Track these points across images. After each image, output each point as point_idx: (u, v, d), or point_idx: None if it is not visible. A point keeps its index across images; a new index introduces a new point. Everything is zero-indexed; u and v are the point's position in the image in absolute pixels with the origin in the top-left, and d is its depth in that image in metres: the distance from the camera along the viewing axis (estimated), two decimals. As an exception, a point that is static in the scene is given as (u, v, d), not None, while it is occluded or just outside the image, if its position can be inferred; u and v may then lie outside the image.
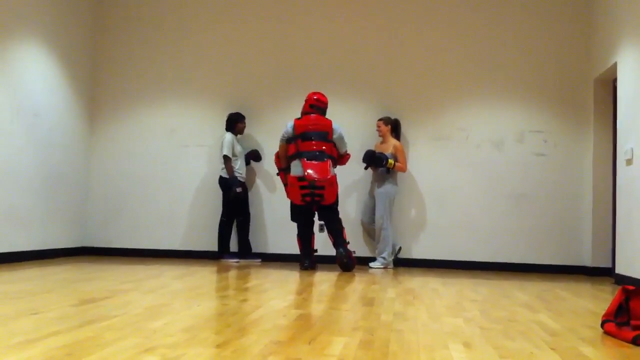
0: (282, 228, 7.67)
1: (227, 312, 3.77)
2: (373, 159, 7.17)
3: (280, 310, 3.87)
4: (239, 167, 7.55)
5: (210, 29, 8.11)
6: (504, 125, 7.59)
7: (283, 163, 6.98)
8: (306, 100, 7.02)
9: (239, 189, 7.39)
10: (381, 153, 7.21)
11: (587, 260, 7.22)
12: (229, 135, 7.53)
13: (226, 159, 7.41)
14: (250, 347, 2.73)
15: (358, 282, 5.66)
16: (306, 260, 6.84)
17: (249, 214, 7.65)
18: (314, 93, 7.05)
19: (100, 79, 8.25)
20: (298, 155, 6.78)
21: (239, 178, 7.49)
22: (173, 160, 7.96)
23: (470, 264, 7.45)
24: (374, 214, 7.34)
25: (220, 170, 7.57)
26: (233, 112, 7.72)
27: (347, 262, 6.70)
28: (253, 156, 7.71)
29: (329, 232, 6.90)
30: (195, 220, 7.94)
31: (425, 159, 7.66)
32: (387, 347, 2.82)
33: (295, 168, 6.78)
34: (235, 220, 7.61)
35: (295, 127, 6.86)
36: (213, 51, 8.08)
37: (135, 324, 3.26)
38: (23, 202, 6.79)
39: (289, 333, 3.11)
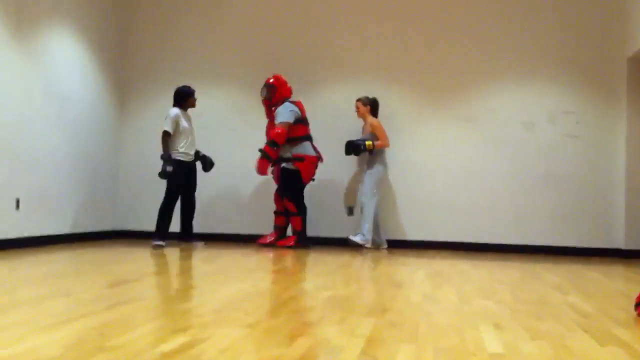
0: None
1: (257, 293, 3.79)
2: (352, 148, 7.15)
3: (310, 291, 3.88)
4: (185, 145, 7.05)
5: (241, 9, 8.06)
6: (535, 106, 7.47)
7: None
8: (284, 84, 7.20)
9: (169, 168, 6.82)
10: (357, 140, 7.17)
11: (621, 243, 7.11)
12: (175, 110, 7.05)
13: (165, 134, 6.91)
14: (280, 327, 2.74)
15: (387, 265, 5.65)
16: (307, 241, 7.15)
17: (194, 195, 7.30)
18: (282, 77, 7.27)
19: (129, 62, 8.27)
20: (308, 138, 7.17)
21: (184, 158, 7.02)
22: (202, 143, 7.95)
23: (500, 246, 7.38)
24: None
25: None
26: (182, 85, 7.25)
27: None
28: (205, 163, 7.30)
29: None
30: (224, 203, 7.96)
31: (454, 140, 7.57)
32: (417, 328, 2.81)
33: (308, 149, 7.13)
34: (180, 201, 7.22)
35: (301, 110, 7.18)
36: (244, 32, 8.02)
37: (165, 305, 3.30)
38: (53, 186, 6.87)
39: (319, 314, 3.11)
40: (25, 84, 6.40)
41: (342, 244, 7.19)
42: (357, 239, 7.02)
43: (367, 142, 7.10)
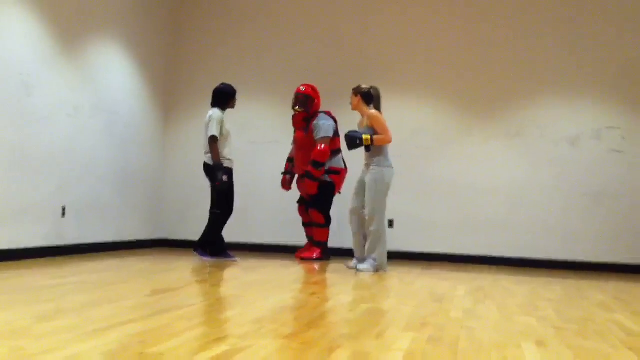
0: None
1: (296, 305, 3.79)
2: (348, 142, 6.14)
3: (348, 304, 3.87)
4: (229, 149, 6.52)
5: (286, 24, 8.14)
6: (579, 122, 7.33)
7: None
8: (318, 94, 7.07)
9: (225, 177, 6.34)
10: (352, 132, 6.14)
11: (670, 261, 6.92)
12: (218, 112, 6.47)
13: (214, 140, 6.32)
14: (318, 340, 2.74)
15: (427, 279, 5.60)
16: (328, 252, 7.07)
17: (232, 207, 6.60)
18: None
19: (175, 77, 8.42)
20: (340, 151, 7.03)
21: (230, 165, 6.49)
22: (244, 156, 8.00)
23: (544, 262, 7.24)
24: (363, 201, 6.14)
25: (204, 156, 6.55)
26: (222, 84, 6.74)
27: None
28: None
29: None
30: (266, 214, 8.00)
31: (499, 156, 7.47)
32: (457, 344, 2.78)
33: (341, 161, 7.04)
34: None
35: (335, 121, 7.06)
36: (286, 47, 8.11)
37: (206, 314, 3.33)
38: (100, 196, 7.01)
39: (357, 327, 3.10)
40: (74, 99, 6.57)
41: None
42: (366, 266, 5.98)
43: (363, 136, 6.00)
